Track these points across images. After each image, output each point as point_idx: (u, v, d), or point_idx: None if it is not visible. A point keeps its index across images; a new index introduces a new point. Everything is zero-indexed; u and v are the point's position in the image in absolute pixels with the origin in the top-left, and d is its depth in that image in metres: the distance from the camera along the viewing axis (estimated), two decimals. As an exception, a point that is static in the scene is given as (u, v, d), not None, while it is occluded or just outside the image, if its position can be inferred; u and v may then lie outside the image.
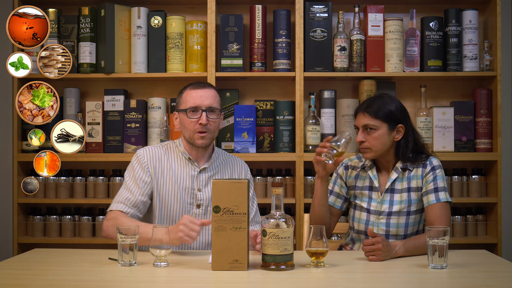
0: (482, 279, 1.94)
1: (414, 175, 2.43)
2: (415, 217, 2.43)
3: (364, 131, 2.42)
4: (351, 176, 2.53)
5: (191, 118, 2.45)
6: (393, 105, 2.43)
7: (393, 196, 2.43)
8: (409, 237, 2.41)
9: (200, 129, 2.44)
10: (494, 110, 3.35)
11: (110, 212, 2.41)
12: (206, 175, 2.51)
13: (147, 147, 2.54)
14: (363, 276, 2.01)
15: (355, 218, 2.49)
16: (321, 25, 3.35)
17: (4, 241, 3.48)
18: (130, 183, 2.46)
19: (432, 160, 2.44)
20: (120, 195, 2.44)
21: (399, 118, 2.42)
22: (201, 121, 2.43)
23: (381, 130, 2.40)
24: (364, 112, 2.42)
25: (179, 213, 2.46)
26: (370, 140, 2.40)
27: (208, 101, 2.47)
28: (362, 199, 2.48)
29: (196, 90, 2.49)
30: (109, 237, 2.36)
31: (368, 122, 2.40)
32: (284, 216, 2.00)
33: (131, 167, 2.50)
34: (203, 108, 2.45)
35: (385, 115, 2.40)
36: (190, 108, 2.45)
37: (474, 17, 3.36)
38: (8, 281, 1.89)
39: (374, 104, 2.42)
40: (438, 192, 2.37)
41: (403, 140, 2.43)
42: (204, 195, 2.48)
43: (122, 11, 3.37)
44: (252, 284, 1.89)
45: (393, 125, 2.41)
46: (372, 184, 2.47)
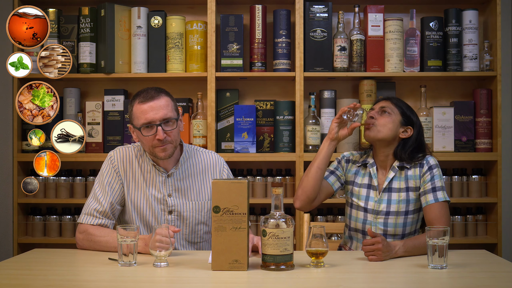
0: (482, 279, 1.94)
1: (412, 174, 2.43)
2: (413, 216, 2.43)
3: (379, 112, 2.46)
4: (351, 170, 2.54)
5: (147, 136, 2.30)
6: (415, 114, 2.51)
7: (391, 195, 2.43)
8: (407, 237, 2.41)
9: (158, 144, 2.30)
10: (494, 110, 3.35)
11: (81, 225, 2.36)
12: (175, 180, 2.42)
13: (121, 148, 2.45)
14: (363, 276, 2.01)
15: (352, 216, 2.49)
16: (321, 25, 3.35)
17: (4, 241, 3.48)
18: (98, 191, 2.39)
19: (428, 159, 2.43)
20: (88, 206, 2.38)
21: (412, 119, 2.47)
22: (158, 137, 2.28)
23: (394, 116, 2.44)
24: (387, 100, 2.50)
25: (152, 219, 2.39)
26: (380, 119, 2.44)
27: (161, 112, 2.29)
28: (359, 197, 2.47)
29: (145, 103, 2.29)
30: (85, 249, 2.34)
31: (387, 105, 2.47)
32: (284, 216, 2.00)
33: (101, 173, 2.42)
34: (157, 122, 2.28)
35: (404, 110, 2.47)
36: (143, 125, 2.29)
37: (474, 17, 3.36)
38: (8, 281, 1.89)
39: (399, 99, 2.53)
40: (436, 191, 2.37)
41: (406, 141, 2.44)
42: (175, 201, 2.40)
43: (122, 11, 3.37)
44: (252, 284, 1.89)
45: (405, 121, 2.45)
46: (371, 182, 2.47)
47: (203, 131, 3.35)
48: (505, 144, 3.49)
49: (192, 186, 2.44)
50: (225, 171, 2.53)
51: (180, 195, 2.42)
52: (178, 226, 2.41)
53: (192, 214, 2.42)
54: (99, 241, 2.30)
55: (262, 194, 3.39)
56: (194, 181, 2.46)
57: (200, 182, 2.46)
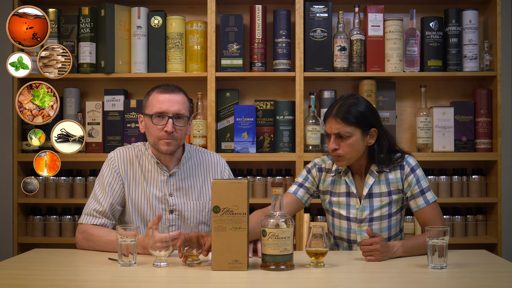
0: (482, 279, 1.94)
1: (393, 177, 2.36)
2: (396, 217, 2.39)
3: (337, 138, 2.29)
4: (326, 180, 2.44)
5: (157, 125, 2.31)
6: (363, 106, 2.31)
7: (372, 201, 2.37)
8: (393, 238, 2.39)
9: (165, 136, 2.31)
10: (494, 110, 3.35)
11: (81, 225, 2.37)
12: (177, 179, 2.42)
13: (121, 149, 2.46)
14: (363, 276, 2.01)
15: (335, 226, 2.43)
16: (321, 25, 3.35)
17: (4, 241, 3.48)
18: (99, 192, 2.39)
19: (408, 160, 2.36)
20: (88, 206, 2.38)
21: (371, 121, 2.32)
22: (167, 129, 2.29)
23: (354, 136, 2.28)
24: (336, 118, 2.29)
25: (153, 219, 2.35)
26: (344, 147, 2.28)
27: (176, 107, 2.32)
28: (340, 206, 2.40)
29: (164, 94, 2.33)
30: (84, 249, 2.35)
31: (340, 129, 2.27)
32: (283, 216, 2.00)
33: (101, 174, 2.43)
34: (170, 114, 2.31)
35: (357, 119, 2.28)
36: (156, 114, 2.31)
37: (474, 17, 3.36)
38: (8, 281, 1.89)
39: (345, 109, 2.29)
40: (424, 194, 2.34)
41: (377, 144, 2.34)
42: (176, 200, 2.41)
43: (122, 11, 3.37)
44: (252, 284, 1.89)
45: (366, 130, 2.31)
46: (349, 189, 2.39)
47: (203, 131, 3.35)
48: (505, 144, 3.49)
49: (193, 186, 2.45)
50: (226, 171, 2.54)
51: (181, 194, 2.42)
52: (179, 226, 2.42)
53: (193, 214, 2.42)
54: (98, 241, 2.30)
55: (262, 194, 3.39)
56: (196, 181, 2.46)
57: (202, 182, 2.47)
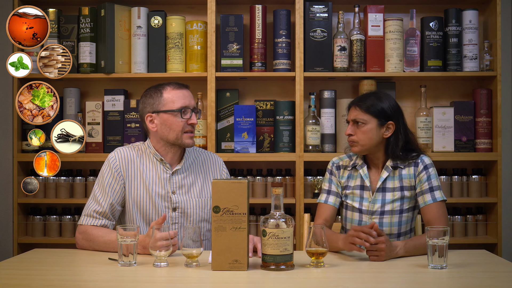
0: (482, 279, 1.94)
1: (406, 173, 2.42)
2: (408, 214, 2.42)
3: (354, 124, 2.42)
4: (344, 176, 2.52)
5: (182, 119, 2.39)
6: (387, 102, 2.43)
7: (385, 195, 2.42)
8: (403, 235, 2.42)
9: (190, 129, 2.41)
10: (494, 110, 3.35)
11: (81, 226, 2.38)
12: (179, 177, 2.45)
13: (121, 148, 2.47)
14: (363, 276, 2.01)
15: (348, 218, 2.49)
16: (321, 25, 3.35)
17: (4, 241, 3.48)
18: (98, 193, 2.40)
19: (423, 159, 2.43)
20: (88, 207, 2.39)
21: (390, 115, 2.42)
22: (192, 121, 2.40)
23: (370, 124, 2.40)
24: (355, 106, 2.43)
25: (155, 217, 2.39)
26: (358, 134, 2.41)
27: (194, 101, 2.45)
28: (354, 199, 2.47)
29: (181, 90, 2.42)
30: (84, 249, 2.35)
31: (358, 116, 2.41)
32: (284, 216, 2.00)
33: (101, 174, 2.43)
34: (192, 107, 2.42)
35: (376, 110, 2.40)
36: (181, 108, 2.39)
37: (474, 17, 3.36)
38: (8, 281, 1.89)
39: (367, 100, 2.43)
40: (433, 191, 2.37)
41: (393, 137, 2.42)
42: (179, 198, 2.43)
43: (122, 11, 3.37)
44: (252, 284, 1.89)
45: (383, 121, 2.41)
46: (363, 183, 2.46)
47: (203, 131, 3.35)
48: (505, 144, 3.49)
49: (195, 183, 2.47)
50: (224, 170, 2.58)
51: (183, 192, 2.44)
52: (181, 223, 2.42)
53: (195, 211, 2.44)
54: (98, 241, 2.31)
55: (262, 194, 3.39)
56: (197, 178, 2.49)
57: (203, 180, 2.50)
